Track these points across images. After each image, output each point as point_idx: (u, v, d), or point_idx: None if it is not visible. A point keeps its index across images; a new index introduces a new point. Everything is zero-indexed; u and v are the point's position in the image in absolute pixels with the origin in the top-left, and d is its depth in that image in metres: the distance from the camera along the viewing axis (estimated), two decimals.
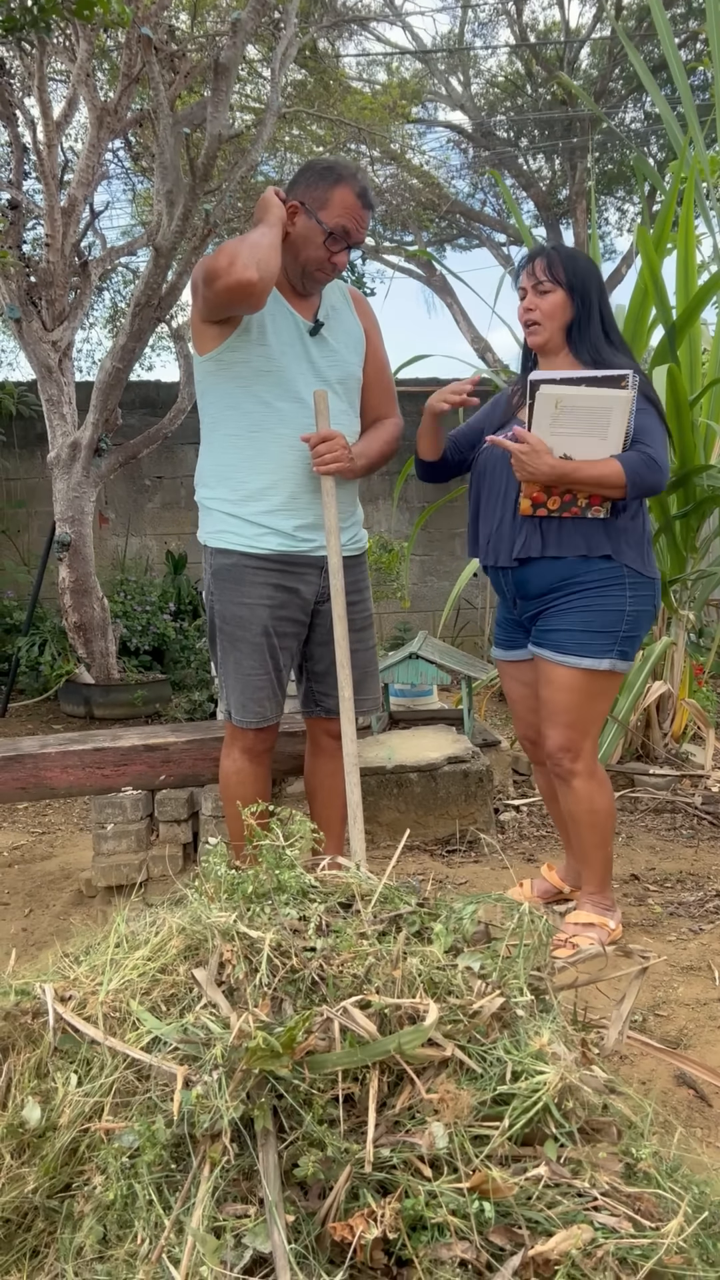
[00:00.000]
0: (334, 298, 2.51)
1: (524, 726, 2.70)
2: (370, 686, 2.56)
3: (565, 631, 2.40)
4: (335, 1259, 1.09)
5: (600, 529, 2.37)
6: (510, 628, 2.64)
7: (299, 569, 2.41)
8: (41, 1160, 1.19)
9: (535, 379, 2.29)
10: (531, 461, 2.29)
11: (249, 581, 2.38)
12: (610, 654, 2.38)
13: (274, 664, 2.41)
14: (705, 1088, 1.82)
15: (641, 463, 2.28)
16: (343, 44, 11.82)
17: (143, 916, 1.50)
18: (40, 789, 2.93)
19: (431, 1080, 1.20)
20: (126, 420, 6.42)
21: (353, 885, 1.52)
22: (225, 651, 2.44)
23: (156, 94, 5.25)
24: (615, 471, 2.27)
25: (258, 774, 2.49)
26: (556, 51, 13.85)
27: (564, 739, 2.43)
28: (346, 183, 2.29)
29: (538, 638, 2.47)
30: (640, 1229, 1.10)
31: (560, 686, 2.41)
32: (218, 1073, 1.16)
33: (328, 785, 2.54)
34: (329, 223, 2.28)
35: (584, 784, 2.45)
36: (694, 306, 3.61)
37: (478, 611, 7.74)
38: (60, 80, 7.09)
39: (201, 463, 2.50)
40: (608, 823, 2.49)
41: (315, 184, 2.31)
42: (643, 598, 2.42)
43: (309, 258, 2.33)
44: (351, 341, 2.50)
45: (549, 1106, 1.18)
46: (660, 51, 12.37)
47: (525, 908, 1.50)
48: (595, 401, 2.24)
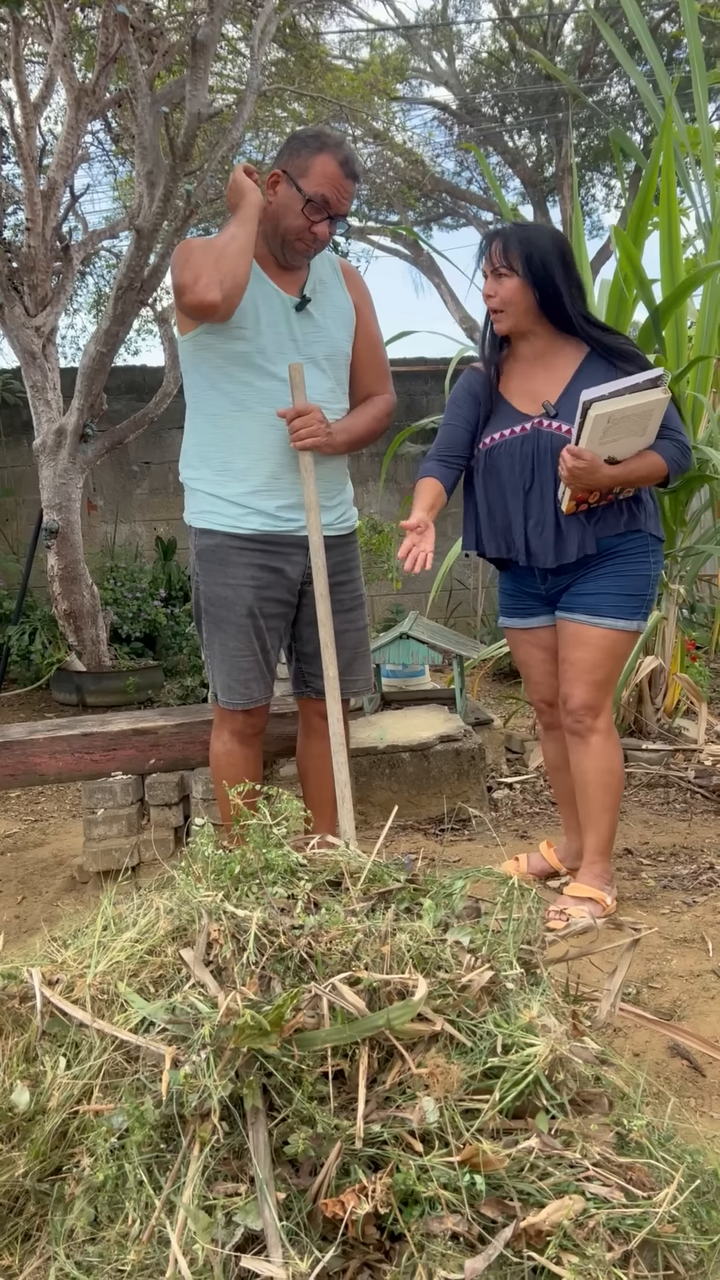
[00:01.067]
0: (323, 271, 2.47)
1: (542, 690, 2.73)
2: (360, 667, 2.55)
3: (601, 595, 2.48)
4: (328, 1235, 1.09)
5: (633, 506, 2.47)
6: (524, 598, 2.66)
7: (283, 549, 2.39)
8: (31, 1144, 1.19)
9: (588, 399, 2.29)
10: (588, 477, 2.34)
11: (233, 562, 2.36)
12: (638, 615, 2.50)
13: (260, 645, 2.40)
14: (699, 1058, 1.83)
15: (679, 450, 2.41)
16: (323, 21, 11.70)
17: (131, 899, 1.49)
18: (30, 776, 2.92)
19: (421, 1055, 1.20)
20: (112, 405, 6.37)
21: (341, 863, 1.52)
22: (210, 633, 2.43)
23: (135, 73, 5.19)
24: (659, 465, 2.39)
25: (248, 756, 2.47)
26: (540, 26, 13.74)
27: (589, 696, 2.50)
28: (329, 151, 2.26)
29: (569, 602, 2.53)
30: (632, 1199, 1.10)
31: (592, 646, 2.49)
32: (206, 1052, 1.15)
33: (319, 766, 2.53)
34: (308, 190, 2.25)
35: (602, 741, 2.52)
36: (679, 294, 3.58)
37: (470, 591, 7.73)
38: (37, 62, 7.00)
39: (185, 443, 2.48)
40: (618, 785, 2.54)
41: (298, 151, 2.29)
42: (659, 560, 2.54)
43: (288, 227, 2.29)
44: (340, 317, 2.46)
45: (539, 1079, 1.18)
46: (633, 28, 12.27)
47: (514, 881, 1.50)
48: (640, 409, 2.30)
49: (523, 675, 2.80)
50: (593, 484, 2.35)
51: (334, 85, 8.80)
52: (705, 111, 4.15)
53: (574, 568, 2.50)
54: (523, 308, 2.43)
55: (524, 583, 2.63)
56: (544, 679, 2.70)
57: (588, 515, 2.45)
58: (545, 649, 2.66)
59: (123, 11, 4.98)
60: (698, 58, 4.16)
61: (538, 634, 2.66)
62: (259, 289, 2.34)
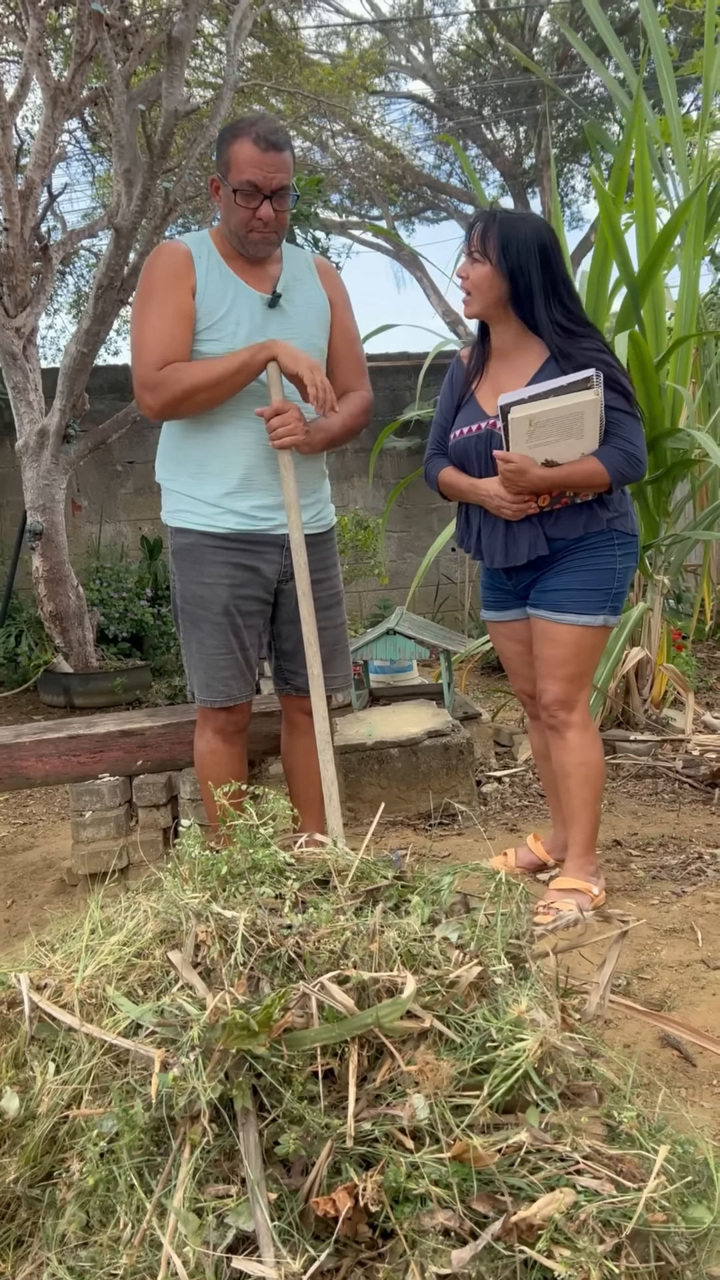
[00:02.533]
0: (297, 267, 2.46)
1: (521, 681, 2.75)
2: (339, 664, 2.55)
3: (562, 591, 2.47)
4: (320, 1234, 1.09)
5: (594, 508, 2.45)
6: (499, 591, 2.68)
7: (259, 547, 2.39)
8: (22, 1149, 1.18)
9: (504, 404, 2.31)
10: (520, 480, 2.36)
11: (208, 561, 2.37)
12: (604, 610, 2.47)
13: (239, 643, 2.40)
14: (689, 1048, 1.83)
15: (623, 459, 2.37)
16: (300, 16, 11.66)
17: (119, 901, 1.49)
18: (16, 779, 2.91)
19: (411, 1052, 1.20)
20: (94, 405, 6.35)
21: (329, 861, 1.52)
22: (188, 631, 2.43)
23: (111, 71, 5.16)
24: (599, 473, 2.36)
25: (232, 754, 2.48)
26: (517, 18, 13.72)
27: (561, 691, 2.50)
28: (241, 135, 2.23)
29: (535, 599, 2.54)
30: (623, 1190, 1.10)
31: (559, 643, 2.48)
32: (195, 1054, 1.15)
33: (305, 763, 2.53)
34: (233, 182, 2.23)
35: (578, 735, 2.51)
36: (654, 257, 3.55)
37: (456, 585, 7.73)
38: (12, 60, 6.96)
39: (161, 443, 2.48)
40: (597, 778, 2.54)
41: (221, 151, 2.29)
42: (629, 555, 2.51)
43: (236, 223, 2.28)
44: (314, 313, 2.45)
45: (529, 1073, 1.18)
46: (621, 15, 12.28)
47: (502, 876, 1.50)
48: (566, 411, 2.29)
49: (504, 667, 2.83)
50: (525, 487, 2.36)
51: (311, 80, 8.78)
52: (674, 103, 4.16)
53: (536, 564, 2.50)
54: (490, 297, 2.41)
55: (496, 577, 2.65)
56: (522, 670, 2.71)
57: (541, 517, 2.45)
58: (521, 641, 2.67)
59: (98, 9, 4.96)
60: (661, 50, 4.16)
61: (513, 626, 2.67)
62: (230, 289, 2.33)
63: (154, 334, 2.25)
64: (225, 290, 2.32)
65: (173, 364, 2.24)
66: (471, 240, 2.40)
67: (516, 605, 2.63)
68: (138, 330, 2.29)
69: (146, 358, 2.25)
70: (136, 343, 2.28)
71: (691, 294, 3.87)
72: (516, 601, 2.63)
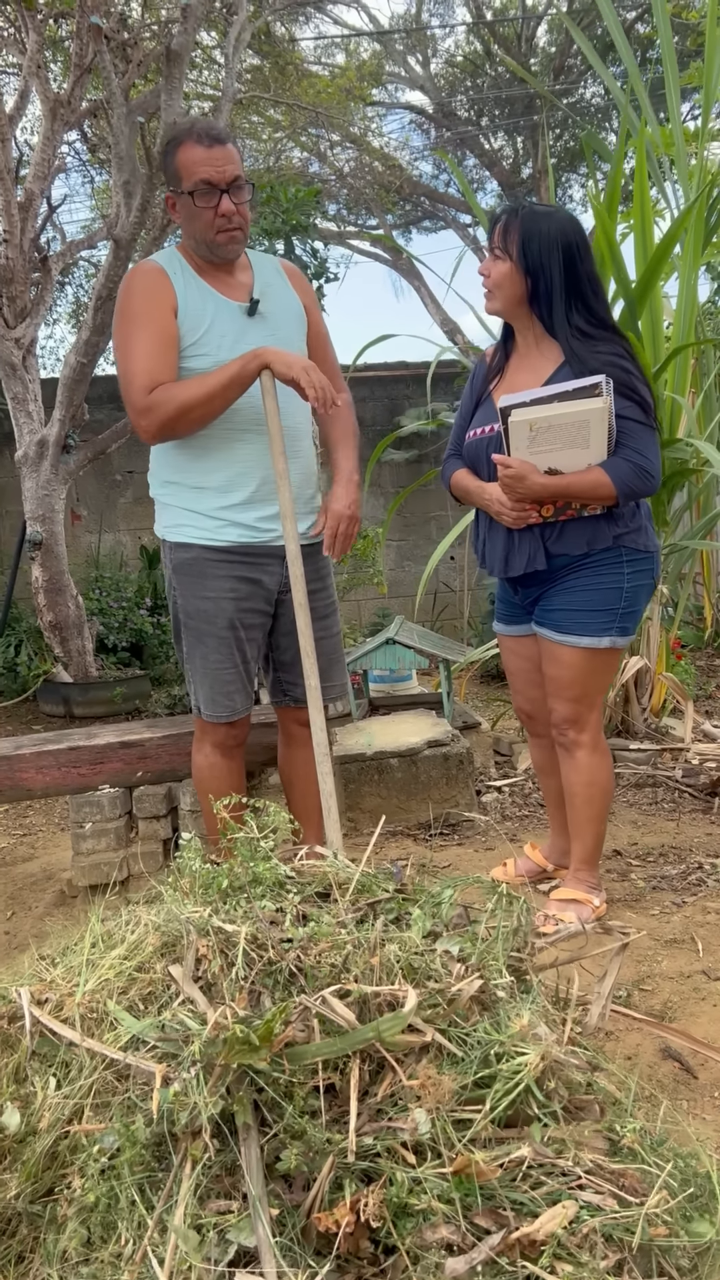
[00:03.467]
0: (268, 274, 2.45)
1: (522, 699, 2.70)
2: (336, 673, 2.55)
3: (565, 611, 2.40)
4: (322, 1250, 1.09)
5: (601, 523, 2.34)
6: (509, 604, 2.62)
7: (261, 559, 2.39)
8: (23, 1165, 1.18)
9: (504, 405, 2.23)
10: (519, 486, 2.27)
11: (211, 575, 2.36)
12: (610, 631, 2.38)
13: (241, 656, 2.40)
14: (690, 1059, 1.83)
15: (631, 473, 2.25)
16: (299, 27, 11.72)
17: (119, 915, 1.49)
18: (16, 790, 2.91)
19: (413, 1066, 1.20)
20: (94, 415, 6.36)
21: (329, 874, 1.51)
22: (191, 646, 2.42)
23: (109, 84, 5.18)
24: (605, 484, 2.25)
25: (231, 768, 2.48)
26: (514, 28, 13.79)
27: (570, 711, 2.45)
28: (183, 141, 2.24)
29: (540, 617, 2.47)
30: (625, 1205, 1.10)
31: (563, 664, 2.42)
32: (196, 1069, 1.15)
33: (303, 774, 2.53)
34: (187, 187, 2.23)
35: (587, 756, 2.47)
36: (652, 269, 3.56)
37: (455, 594, 7.74)
38: (12, 73, 6.99)
39: (153, 458, 2.46)
40: (604, 798, 2.50)
41: (167, 166, 2.29)
42: (642, 573, 2.40)
43: (201, 227, 2.27)
44: (291, 317, 2.45)
45: (531, 1087, 1.18)
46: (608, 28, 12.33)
47: (503, 888, 1.50)
48: (571, 417, 2.18)
49: (508, 680, 2.78)
50: (525, 493, 2.28)
51: (310, 92, 8.81)
52: (678, 113, 4.17)
53: (541, 579, 2.43)
54: (510, 295, 2.33)
55: (507, 589, 2.60)
56: (525, 688, 2.67)
57: (544, 530, 2.36)
58: (527, 658, 2.62)
59: (97, 22, 4.97)
60: (670, 58, 4.18)
61: (522, 641, 2.62)
62: (209, 302, 2.32)
63: (141, 359, 2.23)
64: (205, 305, 2.31)
65: (162, 385, 2.21)
66: (493, 236, 2.33)
67: (526, 619, 2.57)
68: (124, 357, 2.26)
69: (136, 383, 2.22)
70: (124, 370, 2.25)
71: (690, 304, 3.88)
72: (525, 616, 2.56)
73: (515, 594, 2.55)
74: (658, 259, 3.52)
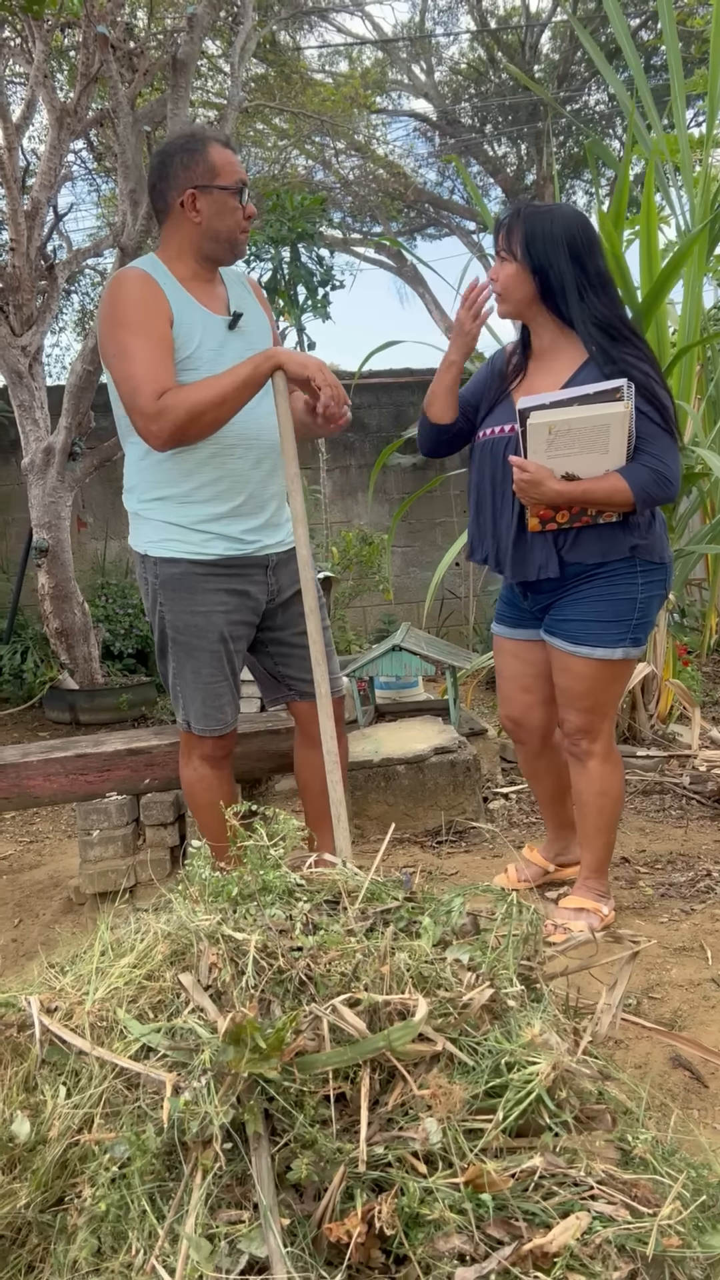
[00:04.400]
0: (238, 288, 2.45)
1: (510, 706, 2.65)
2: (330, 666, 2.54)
3: (578, 622, 2.35)
4: (333, 1260, 1.08)
5: (616, 531, 2.30)
6: (516, 609, 2.57)
7: (247, 570, 2.38)
8: (33, 1175, 1.18)
9: (524, 407, 2.19)
10: (534, 491, 2.22)
11: (200, 589, 2.33)
12: (623, 643, 2.35)
13: (231, 669, 2.42)
14: (701, 1068, 1.82)
15: (650, 480, 2.21)
16: (303, 36, 11.76)
17: (128, 923, 1.49)
18: (24, 798, 2.91)
19: (423, 1075, 1.20)
20: (100, 423, 6.37)
21: (339, 882, 1.51)
22: (181, 661, 2.39)
23: (116, 93, 5.21)
24: (623, 490, 2.20)
25: (221, 778, 2.48)
26: (517, 36, 13.83)
27: (583, 721, 2.42)
28: (210, 142, 2.25)
29: (550, 626, 2.43)
30: (637, 1215, 1.10)
31: (576, 675, 2.39)
32: (206, 1078, 1.15)
33: (319, 779, 2.51)
34: (229, 183, 2.24)
35: (599, 766, 2.44)
36: (660, 286, 3.58)
37: (461, 601, 7.73)
38: (18, 82, 7.02)
39: (129, 470, 2.40)
40: (614, 809, 2.48)
41: (190, 163, 2.23)
42: (654, 583, 2.37)
43: (230, 225, 2.27)
44: (263, 331, 2.45)
45: (542, 1097, 1.18)
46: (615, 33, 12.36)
47: (513, 897, 1.49)
48: (590, 421, 2.15)
49: (498, 685, 2.70)
50: (540, 498, 2.23)
51: (314, 100, 8.84)
52: (683, 119, 4.18)
53: (553, 586, 2.39)
54: (520, 296, 2.29)
55: (515, 594, 2.55)
56: (514, 694, 2.63)
57: (557, 537, 2.32)
58: (526, 662, 2.57)
59: (103, 31, 5.00)
60: (676, 65, 4.19)
61: (523, 645, 2.57)
62: (196, 315, 2.29)
63: (144, 365, 2.15)
64: (194, 317, 2.28)
65: (171, 390, 2.15)
66: (498, 239, 2.30)
67: (531, 625, 2.53)
68: (124, 364, 2.17)
69: (144, 389, 2.13)
70: (126, 377, 2.16)
71: (695, 311, 3.88)
72: (532, 621, 2.52)
73: (524, 599, 2.51)
74: (666, 276, 3.54)
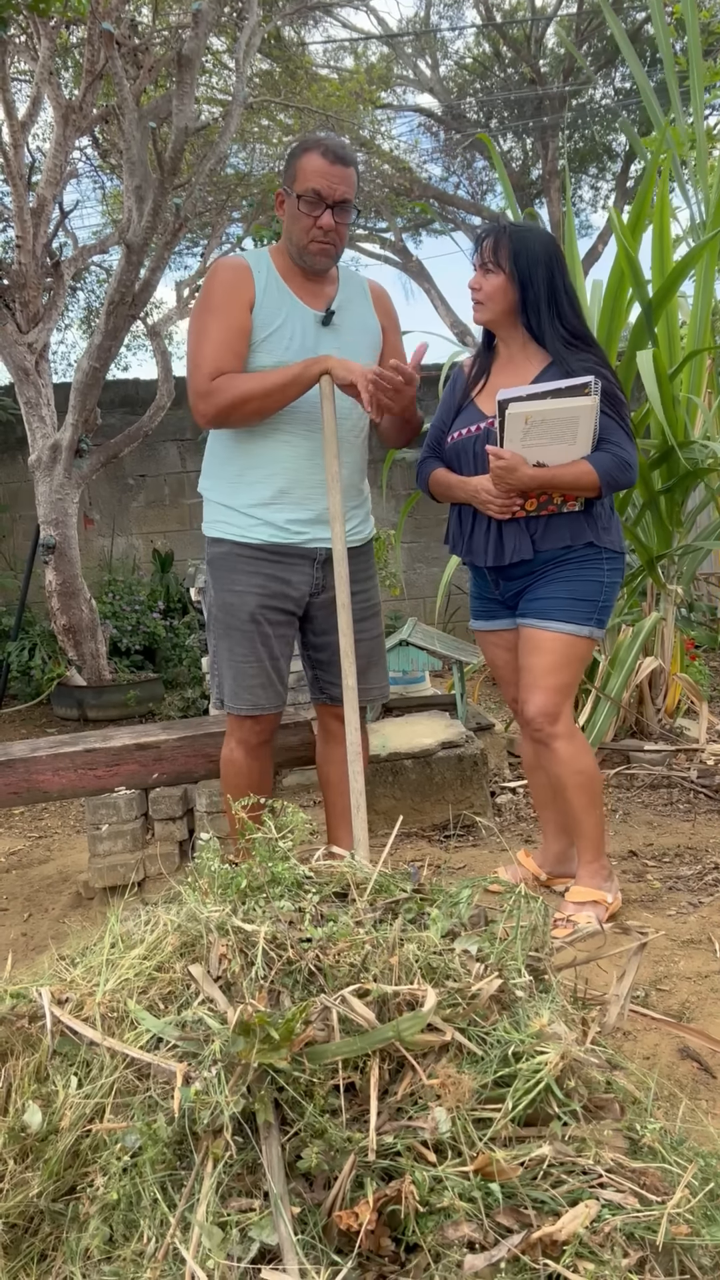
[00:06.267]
0: (352, 290, 2.50)
1: (513, 690, 2.75)
2: (376, 675, 2.57)
3: (551, 600, 2.50)
4: (343, 1248, 1.09)
5: (580, 520, 2.48)
6: (488, 601, 2.72)
7: (290, 559, 2.41)
8: (45, 1164, 1.19)
9: (503, 399, 2.35)
10: (509, 477, 2.39)
11: (240, 570, 2.40)
12: (590, 622, 2.51)
13: (267, 652, 2.41)
14: (709, 1059, 1.83)
15: (614, 465, 2.40)
16: (307, 32, 11.74)
17: (138, 915, 1.49)
18: (33, 793, 2.92)
19: (432, 1065, 1.20)
20: (106, 420, 6.39)
21: (348, 874, 1.52)
22: (219, 639, 2.47)
23: (121, 89, 5.20)
24: (589, 474, 2.39)
25: (251, 766, 2.49)
26: (523, 30, 13.79)
27: (545, 702, 2.50)
28: (309, 149, 2.30)
29: (523, 608, 2.57)
30: (646, 1204, 1.10)
31: (545, 651, 2.50)
32: (217, 1068, 1.15)
33: (340, 773, 2.52)
34: (299, 190, 2.29)
35: (565, 745, 2.51)
36: (669, 285, 3.59)
37: (467, 596, 7.73)
38: (24, 80, 7.03)
39: (205, 455, 2.55)
40: (594, 784, 2.54)
41: (288, 167, 2.35)
42: (616, 570, 2.55)
43: (299, 231, 2.33)
44: (366, 336, 2.48)
45: (551, 1086, 1.18)
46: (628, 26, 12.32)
47: (521, 889, 1.50)
48: (562, 413, 2.33)
49: (495, 676, 2.84)
50: (515, 484, 2.39)
51: (319, 96, 8.83)
52: (701, 111, 4.17)
53: (524, 573, 2.54)
54: (501, 305, 2.47)
55: (485, 586, 2.69)
56: (512, 679, 2.73)
57: (528, 524, 2.48)
58: (510, 650, 2.70)
59: (108, 28, 5.00)
60: (696, 54, 4.17)
61: (502, 635, 2.70)
62: (286, 304, 2.38)
63: (211, 346, 2.30)
64: (280, 305, 2.36)
65: (226, 374, 2.29)
66: (483, 251, 2.46)
67: (505, 615, 2.66)
68: (195, 342, 2.35)
69: (204, 368, 2.29)
70: (194, 353, 2.33)
71: (705, 307, 3.87)
72: (505, 611, 2.66)
73: (497, 589, 2.63)
74: (677, 274, 3.54)
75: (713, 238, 3.60)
